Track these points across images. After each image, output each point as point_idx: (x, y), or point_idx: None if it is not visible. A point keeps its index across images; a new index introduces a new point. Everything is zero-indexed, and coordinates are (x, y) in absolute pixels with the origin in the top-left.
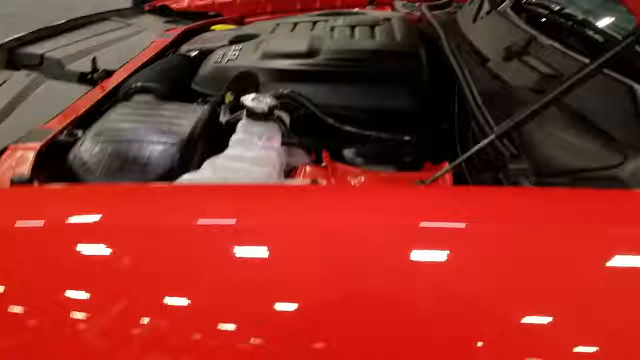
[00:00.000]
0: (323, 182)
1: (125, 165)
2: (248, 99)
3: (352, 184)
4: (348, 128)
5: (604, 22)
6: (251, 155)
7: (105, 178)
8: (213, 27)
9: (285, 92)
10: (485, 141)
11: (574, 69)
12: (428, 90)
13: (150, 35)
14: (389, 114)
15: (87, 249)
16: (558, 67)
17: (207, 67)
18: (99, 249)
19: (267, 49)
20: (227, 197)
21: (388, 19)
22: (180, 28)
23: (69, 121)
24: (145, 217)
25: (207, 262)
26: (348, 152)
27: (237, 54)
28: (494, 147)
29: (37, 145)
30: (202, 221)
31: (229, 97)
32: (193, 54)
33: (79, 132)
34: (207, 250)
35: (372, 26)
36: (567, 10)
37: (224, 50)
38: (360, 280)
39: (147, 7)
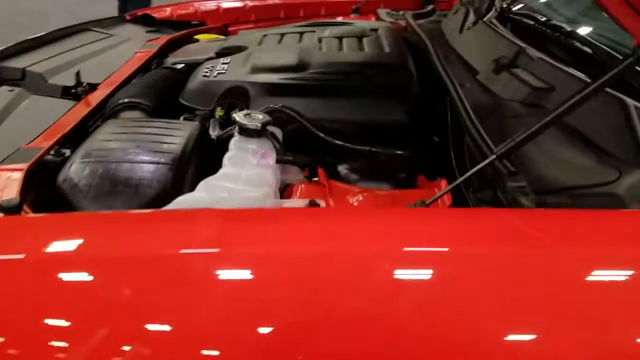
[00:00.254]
0: (321, 202)
1: (117, 187)
2: (240, 116)
3: (351, 202)
4: (340, 143)
5: (591, 33)
6: (246, 174)
7: (97, 201)
8: (196, 37)
9: (277, 107)
10: (485, 162)
11: (565, 81)
12: (418, 102)
13: (133, 46)
14: (380, 127)
15: (77, 279)
16: (549, 80)
17: (196, 81)
18: (89, 280)
19: (256, 63)
20: (223, 223)
21: (375, 30)
22: (163, 38)
23: (55, 140)
24: (138, 247)
25: (197, 291)
26: (342, 169)
27: (225, 67)
28: (492, 165)
29: (24, 166)
30: (195, 250)
31: (219, 112)
32: (179, 66)
33: (67, 151)
34: (197, 279)
35: (359, 37)
36: (553, 22)
37: (212, 64)
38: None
39: (128, 17)
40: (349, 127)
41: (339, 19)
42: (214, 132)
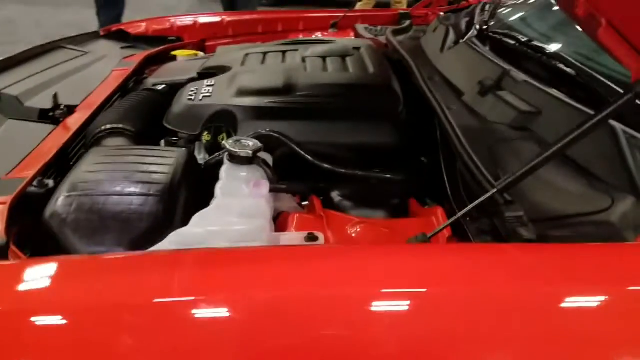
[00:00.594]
0: (320, 235)
1: (106, 222)
2: (230, 143)
3: (349, 234)
4: (330, 167)
5: (571, 53)
6: (240, 206)
7: (87, 237)
8: (174, 53)
9: (265, 132)
10: (485, 196)
11: (551, 105)
12: (406, 124)
13: (109, 63)
14: (370, 150)
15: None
16: (535, 103)
17: (180, 104)
18: (62, 326)
19: (241, 85)
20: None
21: (357, 48)
22: (139, 55)
23: (37, 169)
24: (115, 294)
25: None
26: (335, 196)
27: (210, 90)
28: (478, 182)
29: (6, 199)
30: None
31: (206, 137)
32: (160, 87)
33: (50, 182)
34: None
35: (343, 57)
36: (534, 42)
37: (197, 86)
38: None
39: (102, 32)
40: (338, 151)
41: (318, 34)
42: (200, 156)
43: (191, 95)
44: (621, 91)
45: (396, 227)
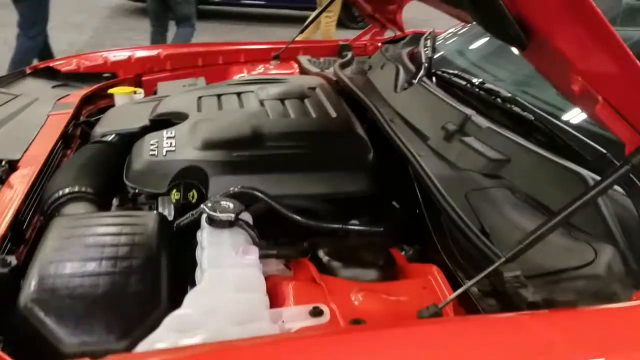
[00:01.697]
0: (325, 308)
1: (91, 307)
2: (209, 206)
3: (352, 301)
4: (315, 223)
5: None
6: (234, 278)
7: (74, 327)
8: (111, 91)
9: (240, 190)
10: (493, 266)
11: (517, 151)
12: (377, 169)
13: (43, 107)
14: (345, 199)
15: None
16: (501, 149)
17: (142, 160)
18: None
19: (205, 137)
20: None
21: (313, 88)
22: (74, 95)
23: None
24: None
25: None
26: (323, 255)
27: (172, 142)
28: (479, 249)
29: None
30: None
31: (175, 195)
32: (110, 138)
33: (11, 259)
34: None
35: (301, 99)
36: (487, 85)
37: (156, 139)
38: None
39: (28, 70)
40: (313, 202)
41: (260, 66)
42: (164, 212)
43: (153, 150)
44: (579, 136)
45: (397, 291)
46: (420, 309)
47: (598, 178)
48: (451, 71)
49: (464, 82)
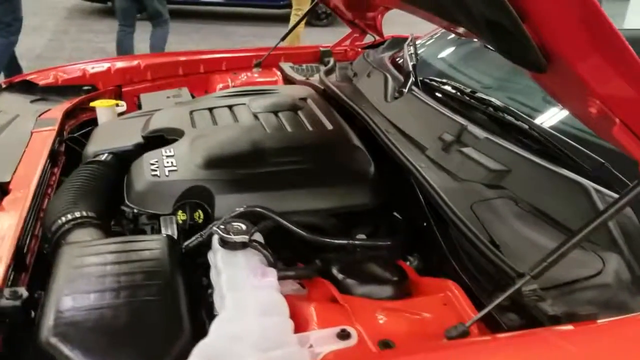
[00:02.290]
0: (352, 331)
1: (116, 340)
2: (221, 228)
3: (378, 321)
4: (328, 240)
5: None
6: (256, 303)
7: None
8: (92, 104)
9: (249, 209)
10: (521, 283)
11: (516, 161)
12: (379, 180)
13: (24, 123)
14: (350, 212)
15: None
16: (500, 160)
17: (144, 181)
18: None
19: (206, 155)
20: None
21: (304, 99)
22: (56, 110)
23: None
24: None
25: None
26: (337, 273)
27: (173, 161)
28: (493, 263)
29: None
30: None
31: (181, 216)
32: (104, 157)
33: (22, 291)
34: None
35: (294, 110)
36: (479, 94)
37: (156, 158)
38: None
39: (3, 84)
40: (319, 218)
41: (243, 74)
42: (168, 232)
43: (155, 170)
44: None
45: (419, 309)
46: (446, 328)
47: (598, 187)
48: (439, 79)
49: (453, 91)
